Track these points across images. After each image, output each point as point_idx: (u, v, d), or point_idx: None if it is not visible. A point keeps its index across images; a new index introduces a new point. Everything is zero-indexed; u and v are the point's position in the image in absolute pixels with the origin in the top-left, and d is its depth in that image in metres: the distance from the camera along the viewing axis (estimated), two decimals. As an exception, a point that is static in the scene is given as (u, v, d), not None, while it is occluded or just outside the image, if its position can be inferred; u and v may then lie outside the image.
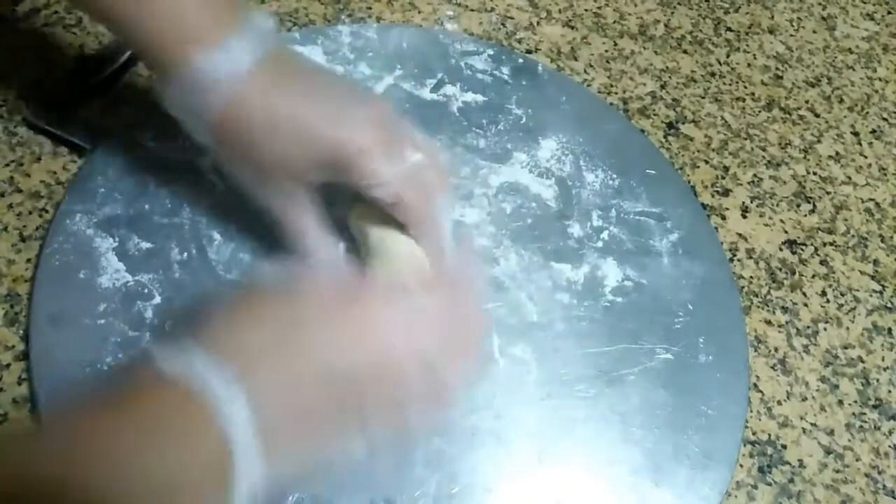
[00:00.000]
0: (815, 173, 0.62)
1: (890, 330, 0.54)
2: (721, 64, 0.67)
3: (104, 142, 0.52)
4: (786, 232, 0.58)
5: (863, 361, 0.52)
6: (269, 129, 0.41)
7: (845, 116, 0.66)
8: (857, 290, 0.56)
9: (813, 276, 0.56)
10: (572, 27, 0.67)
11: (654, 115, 0.62)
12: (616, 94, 0.63)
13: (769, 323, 0.53)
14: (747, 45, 0.69)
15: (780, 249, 0.57)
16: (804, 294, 0.55)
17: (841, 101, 0.67)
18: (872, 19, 0.74)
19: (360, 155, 0.41)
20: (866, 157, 0.64)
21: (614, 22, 0.68)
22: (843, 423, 0.49)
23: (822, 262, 0.57)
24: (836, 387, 0.51)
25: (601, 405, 0.46)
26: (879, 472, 0.48)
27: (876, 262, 0.57)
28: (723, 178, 0.60)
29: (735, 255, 0.56)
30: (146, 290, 0.46)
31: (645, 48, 0.67)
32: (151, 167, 0.51)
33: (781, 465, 0.47)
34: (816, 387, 0.51)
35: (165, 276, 0.47)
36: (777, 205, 0.59)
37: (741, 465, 0.47)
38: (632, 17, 0.69)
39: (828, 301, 0.55)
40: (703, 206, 0.58)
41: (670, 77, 0.65)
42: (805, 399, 0.50)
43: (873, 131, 0.65)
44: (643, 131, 0.61)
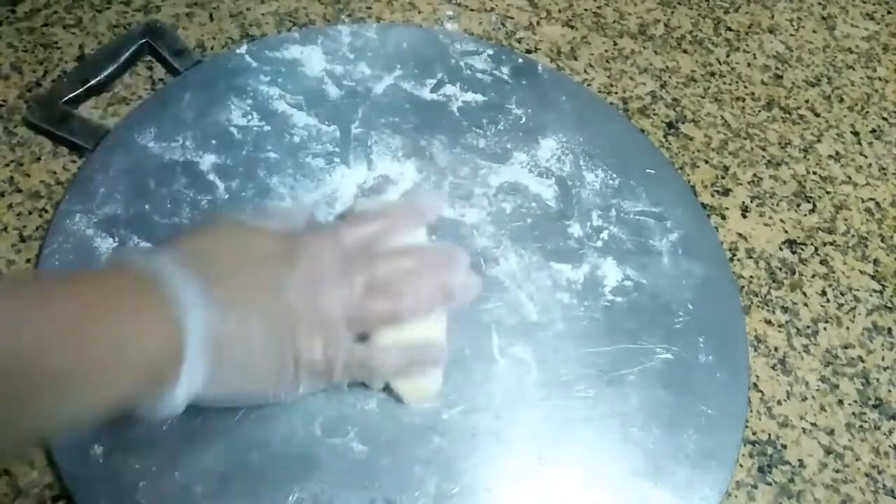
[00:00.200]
0: (815, 173, 0.62)
1: (890, 330, 0.54)
2: (721, 64, 0.67)
3: (104, 142, 0.52)
4: (786, 232, 0.58)
5: (863, 361, 0.52)
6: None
7: (845, 116, 0.66)
8: (857, 290, 0.56)
9: (813, 276, 0.56)
10: (572, 27, 0.67)
11: (654, 114, 0.62)
12: (616, 93, 0.63)
13: (769, 323, 0.53)
14: (747, 45, 0.69)
15: (780, 249, 0.57)
16: (804, 294, 0.55)
17: (841, 100, 0.67)
18: (872, 19, 0.74)
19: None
20: (866, 157, 0.64)
21: (614, 22, 0.68)
22: (843, 422, 0.49)
23: (822, 262, 0.57)
24: (836, 386, 0.51)
25: (601, 405, 0.46)
26: (879, 472, 0.48)
27: (876, 262, 0.57)
28: (723, 177, 0.60)
29: (735, 255, 0.56)
30: (146, 291, 0.46)
31: (645, 48, 0.67)
32: (151, 167, 0.51)
33: (781, 465, 0.47)
34: (816, 386, 0.51)
35: (165, 276, 0.47)
36: (777, 204, 0.59)
37: (741, 465, 0.47)
38: (632, 17, 0.69)
39: (828, 301, 0.55)
40: (703, 205, 0.58)
41: (670, 77, 0.65)
42: (805, 399, 0.50)
43: (873, 131, 0.65)
44: (643, 131, 0.61)
